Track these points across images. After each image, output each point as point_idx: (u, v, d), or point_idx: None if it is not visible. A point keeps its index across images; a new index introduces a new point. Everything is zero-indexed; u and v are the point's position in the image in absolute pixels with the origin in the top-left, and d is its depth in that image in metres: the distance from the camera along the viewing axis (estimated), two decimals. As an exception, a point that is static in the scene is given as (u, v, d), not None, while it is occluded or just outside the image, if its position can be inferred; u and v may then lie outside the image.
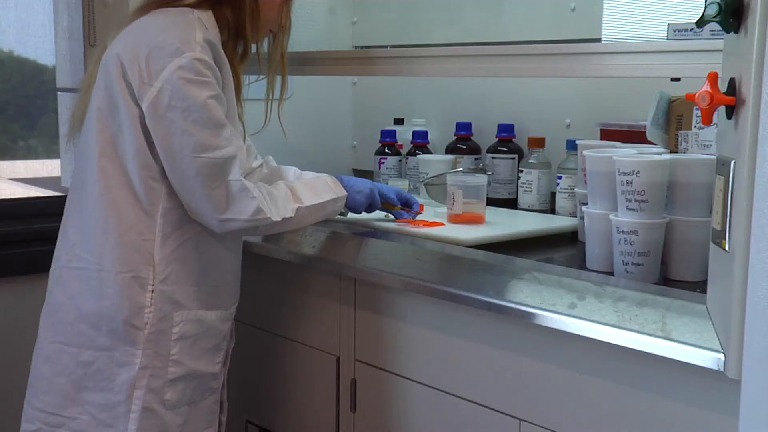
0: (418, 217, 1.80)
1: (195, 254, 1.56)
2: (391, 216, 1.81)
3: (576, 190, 1.73)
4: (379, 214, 1.81)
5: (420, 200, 1.96)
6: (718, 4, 1.04)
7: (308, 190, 1.64)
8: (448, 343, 1.54)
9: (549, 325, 1.32)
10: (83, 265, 1.54)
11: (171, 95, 1.45)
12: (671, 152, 1.59)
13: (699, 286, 1.33)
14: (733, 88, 1.05)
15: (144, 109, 1.47)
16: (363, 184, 1.73)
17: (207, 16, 1.55)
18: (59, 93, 2.28)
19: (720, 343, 1.13)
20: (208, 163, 1.47)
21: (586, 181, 1.56)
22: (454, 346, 1.53)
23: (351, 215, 1.79)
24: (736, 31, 1.06)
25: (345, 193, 1.69)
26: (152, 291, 1.52)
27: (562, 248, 1.71)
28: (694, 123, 1.60)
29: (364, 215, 1.80)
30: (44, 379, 1.57)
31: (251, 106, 1.70)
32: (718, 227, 1.09)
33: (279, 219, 1.55)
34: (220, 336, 1.63)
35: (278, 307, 1.89)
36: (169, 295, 1.53)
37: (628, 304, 1.26)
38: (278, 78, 1.70)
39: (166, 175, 1.51)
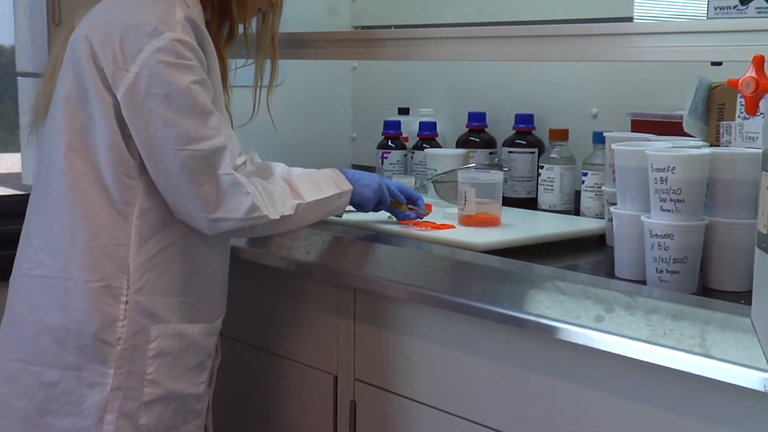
0: (426, 219, 1.80)
1: (178, 260, 1.56)
2: (394, 217, 1.81)
3: (603, 188, 1.73)
4: (380, 215, 1.81)
5: (428, 200, 1.96)
6: (764, -23, 1.03)
7: (309, 185, 1.64)
8: (459, 360, 1.54)
9: (573, 340, 1.32)
10: (48, 273, 1.54)
11: (149, 81, 1.45)
12: (711, 146, 1.60)
13: (743, 297, 1.33)
14: (781, 72, 1.05)
15: (119, 97, 1.47)
16: (370, 178, 1.73)
17: (188, -8, 1.56)
18: (19, 78, 2.28)
19: (766, 360, 1.12)
20: (194, 155, 1.47)
21: (614, 179, 1.56)
22: (466, 363, 1.53)
23: (346, 216, 1.79)
24: (785, 9, 1.06)
25: (350, 187, 1.69)
26: (126, 302, 1.52)
27: (587, 254, 1.71)
28: (737, 112, 1.60)
29: (361, 215, 1.80)
30: (2, 402, 1.57)
31: (237, 95, 1.70)
32: (764, 230, 1.09)
33: (277, 217, 1.55)
34: (204, 352, 1.63)
35: (268, 319, 1.89)
36: (145, 306, 1.54)
37: (662, 317, 1.26)
38: (268, 62, 1.70)
39: (144, 172, 1.51)
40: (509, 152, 2.12)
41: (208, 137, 1.48)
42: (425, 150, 2.18)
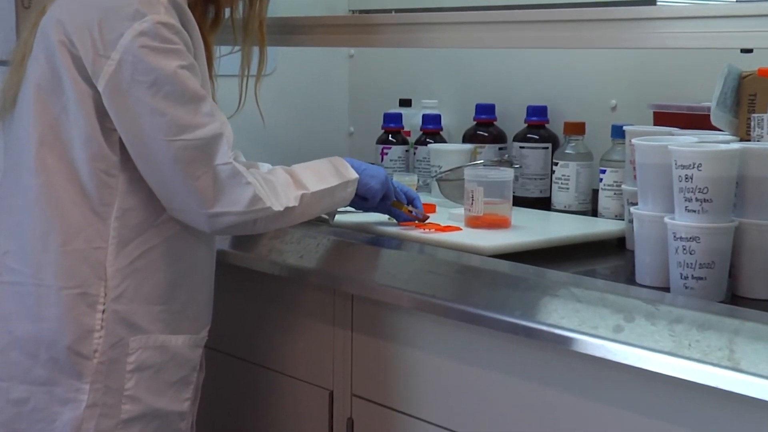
0: (430, 220, 1.80)
1: (161, 266, 1.56)
2: (394, 219, 1.81)
3: (623, 187, 1.73)
4: (379, 216, 1.81)
5: (432, 199, 1.96)
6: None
7: (312, 175, 1.65)
8: (465, 374, 1.54)
9: (590, 352, 1.32)
10: (17, 279, 1.54)
11: (133, 68, 1.45)
12: (741, 140, 1.60)
13: (775, 305, 1.33)
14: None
15: (101, 88, 1.47)
16: (377, 169, 1.74)
17: (170, -28, 1.56)
18: (-16, 66, 2.28)
19: (801, 375, 1.12)
20: (188, 146, 1.47)
21: (635, 176, 1.56)
22: (473, 377, 1.53)
23: (342, 218, 1.79)
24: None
25: (356, 176, 1.69)
26: (103, 311, 1.52)
27: (605, 258, 1.71)
28: (769, 104, 1.60)
29: (359, 217, 1.80)
30: (-32, 421, 1.57)
31: (222, 85, 1.70)
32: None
33: (281, 209, 1.56)
34: (188, 366, 1.63)
35: (257, 330, 1.89)
36: (124, 315, 1.54)
37: (687, 327, 1.26)
38: (256, 50, 1.70)
39: (125, 169, 1.51)
40: (520, 147, 2.12)
41: (201, 125, 1.48)
42: (429, 145, 2.18)
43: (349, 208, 1.78)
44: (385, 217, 1.81)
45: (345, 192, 1.68)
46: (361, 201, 1.73)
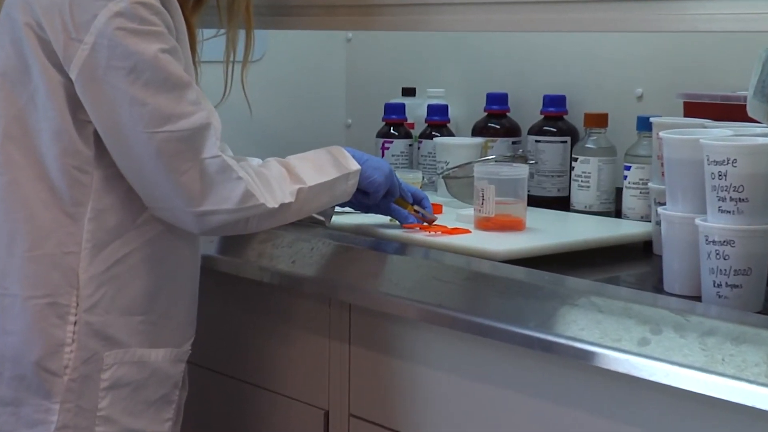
0: (436, 222, 1.80)
1: (140, 272, 1.56)
2: (396, 220, 1.81)
3: (650, 185, 1.73)
4: (378, 217, 1.81)
5: (438, 199, 1.96)
6: None
7: (309, 166, 1.65)
8: (474, 392, 1.54)
9: (612, 367, 1.32)
10: (-21, 288, 1.54)
11: (109, 53, 1.45)
12: (780, 133, 1.59)
13: (818, 316, 1.33)
14: None
15: (74, 76, 1.47)
16: (380, 161, 1.75)
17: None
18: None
19: None
20: (172, 138, 1.47)
21: (663, 173, 1.56)
22: (483, 395, 1.53)
23: (338, 219, 1.80)
24: None
25: (358, 167, 1.69)
26: (75, 323, 1.52)
27: (630, 264, 1.72)
28: (812, 93, 1.60)
29: (357, 218, 1.81)
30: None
31: (205, 72, 1.69)
32: None
33: (276, 206, 1.56)
34: (169, 383, 1.63)
35: (245, 344, 1.90)
36: (98, 328, 1.53)
37: (720, 340, 1.25)
38: (242, 33, 1.70)
39: (100, 165, 1.51)
40: (536, 141, 2.12)
41: (186, 114, 1.48)
42: (435, 139, 2.18)
43: (346, 209, 1.78)
44: (386, 219, 1.82)
45: (346, 185, 1.68)
46: (363, 196, 1.73)
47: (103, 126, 1.49)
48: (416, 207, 1.79)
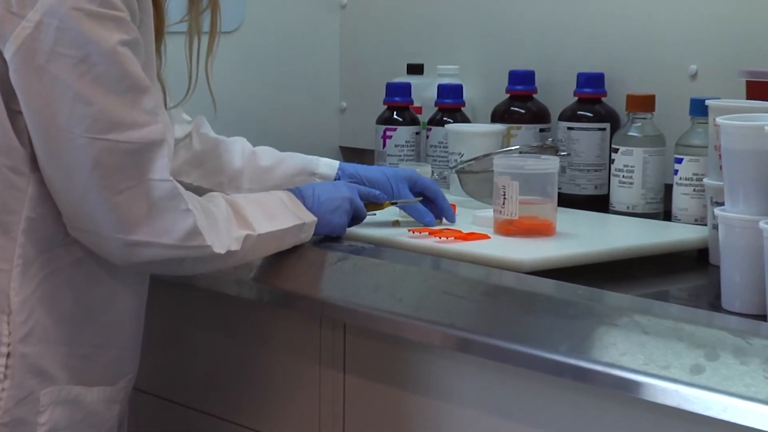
0: (448, 225, 1.81)
1: (68, 295, 1.56)
2: (402, 218, 1.83)
3: (706, 181, 1.73)
4: (380, 218, 1.83)
5: (450, 197, 1.96)
6: None
7: (259, 210, 1.65)
8: (494, 427, 1.55)
9: (660, 400, 1.32)
10: None
11: (57, 35, 1.44)
12: None
13: None
14: None
15: (8, 56, 1.46)
16: (335, 192, 1.75)
17: None
18: None
19: None
20: (115, 149, 1.46)
21: (721, 167, 1.55)
22: (505, 431, 1.52)
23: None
24: None
25: (314, 219, 1.71)
26: (8, 355, 1.52)
27: (682, 276, 1.73)
28: None
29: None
30: None
31: (172, 44, 1.69)
32: None
33: (222, 252, 1.56)
34: (103, 428, 1.64)
35: (221, 373, 1.90)
36: (33, 361, 1.53)
37: (790, 368, 1.26)
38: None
39: (36, 166, 1.50)
40: (568, 129, 2.13)
41: (137, 124, 1.47)
42: (447, 126, 2.19)
43: None
44: (391, 217, 1.84)
45: (298, 237, 1.70)
46: (329, 238, 1.76)
47: (34, 120, 1.48)
48: (399, 203, 1.82)
